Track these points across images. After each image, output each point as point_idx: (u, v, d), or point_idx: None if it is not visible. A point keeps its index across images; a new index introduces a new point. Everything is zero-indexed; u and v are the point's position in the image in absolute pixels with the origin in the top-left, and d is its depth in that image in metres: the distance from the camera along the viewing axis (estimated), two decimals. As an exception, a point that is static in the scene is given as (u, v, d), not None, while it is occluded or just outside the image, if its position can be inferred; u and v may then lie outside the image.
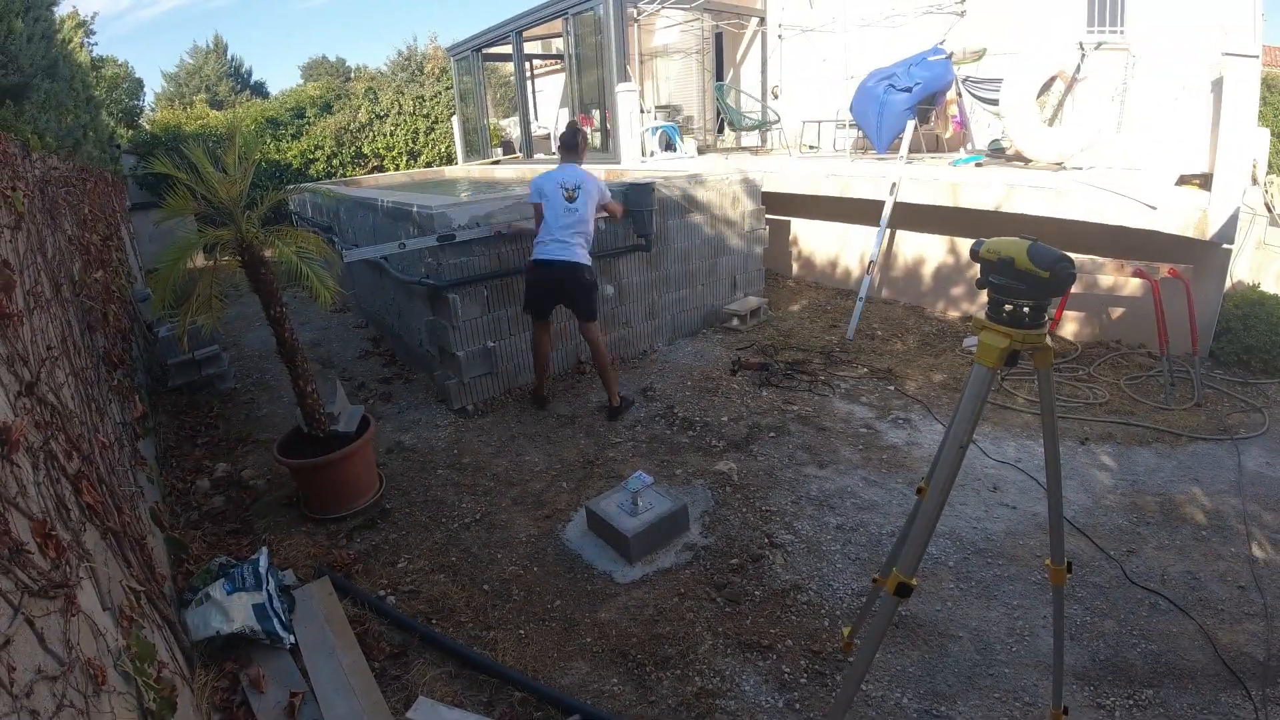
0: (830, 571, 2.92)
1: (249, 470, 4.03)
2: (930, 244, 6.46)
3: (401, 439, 4.32)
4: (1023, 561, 2.90)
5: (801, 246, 7.80)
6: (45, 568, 1.22)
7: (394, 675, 2.45)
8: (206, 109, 15.59)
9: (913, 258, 6.65)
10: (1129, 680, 2.29)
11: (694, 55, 10.32)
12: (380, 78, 18.03)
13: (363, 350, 6.18)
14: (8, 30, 3.90)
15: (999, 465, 3.67)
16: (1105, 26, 6.43)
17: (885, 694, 2.30)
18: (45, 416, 1.62)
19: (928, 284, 6.56)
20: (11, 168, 2.41)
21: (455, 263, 4.45)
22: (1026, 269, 1.48)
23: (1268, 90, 11.12)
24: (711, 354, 5.55)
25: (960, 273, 6.27)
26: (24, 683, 0.99)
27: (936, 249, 6.43)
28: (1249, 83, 4.33)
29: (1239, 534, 3.01)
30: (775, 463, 3.81)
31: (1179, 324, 4.60)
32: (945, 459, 1.63)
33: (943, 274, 6.42)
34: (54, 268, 2.62)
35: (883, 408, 4.43)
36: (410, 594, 2.90)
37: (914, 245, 6.59)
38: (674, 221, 5.69)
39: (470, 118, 12.65)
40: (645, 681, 2.40)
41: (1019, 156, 6.10)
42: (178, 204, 3.20)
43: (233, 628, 2.42)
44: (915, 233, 6.54)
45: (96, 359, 2.99)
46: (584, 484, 3.71)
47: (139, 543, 2.06)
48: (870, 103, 6.89)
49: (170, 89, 29.11)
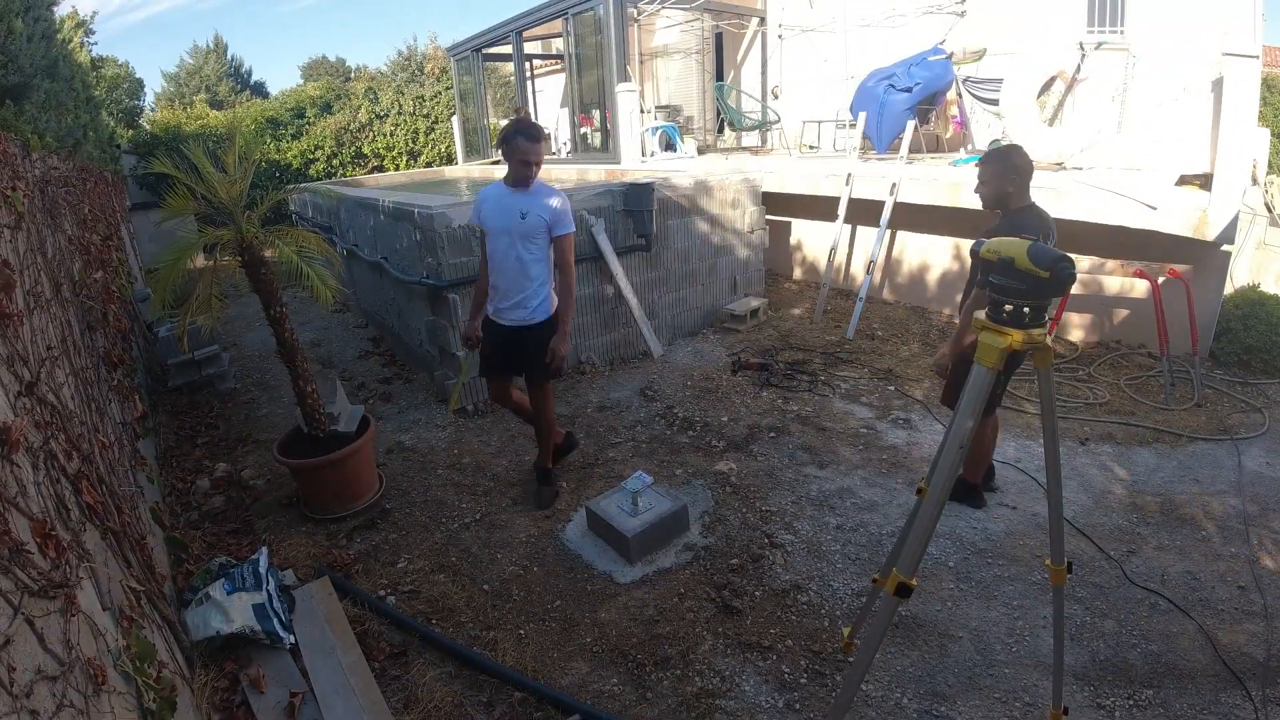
0: (830, 572, 2.92)
1: (249, 470, 4.03)
2: (931, 244, 6.46)
3: (401, 439, 4.32)
4: (1023, 562, 2.90)
5: (801, 247, 7.80)
6: (45, 568, 1.22)
7: (394, 675, 2.45)
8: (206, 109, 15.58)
9: (913, 258, 6.65)
10: (1129, 680, 2.29)
11: (694, 55, 10.32)
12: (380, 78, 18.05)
13: (363, 350, 6.17)
14: (8, 30, 3.90)
15: (999, 465, 3.66)
16: (1105, 26, 6.43)
17: (885, 694, 2.30)
18: (45, 416, 1.62)
19: (928, 284, 6.56)
20: (11, 168, 2.40)
21: (455, 263, 4.45)
22: (1027, 269, 1.49)
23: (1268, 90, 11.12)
24: (711, 354, 5.55)
25: (961, 273, 6.27)
26: (24, 683, 0.99)
27: (937, 249, 6.43)
28: (1249, 83, 4.33)
29: (1239, 534, 3.01)
30: (775, 463, 3.81)
31: (1179, 324, 4.60)
32: (945, 459, 1.63)
33: (943, 274, 6.42)
34: (54, 268, 2.62)
35: (883, 408, 4.43)
36: (410, 594, 2.90)
37: (915, 246, 6.60)
38: (674, 221, 5.69)
39: (470, 118, 12.65)
40: (645, 681, 2.40)
41: (1019, 156, 6.09)
42: (178, 204, 3.20)
43: (233, 628, 2.42)
44: (916, 233, 6.54)
45: (96, 359, 2.99)
46: (584, 484, 3.70)
47: (139, 543, 2.06)
48: (870, 103, 6.89)
49: (170, 89, 29.13)
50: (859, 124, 6.96)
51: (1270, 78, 11.71)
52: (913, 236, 6.57)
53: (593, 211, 5.13)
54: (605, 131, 9.33)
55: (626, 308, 5.34)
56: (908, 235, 6.61)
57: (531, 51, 12.56)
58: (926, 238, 6.46)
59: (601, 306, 5.32)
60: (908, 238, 6.61)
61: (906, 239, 6.63)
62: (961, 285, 6.26)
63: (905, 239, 6.64)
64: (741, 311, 6.12)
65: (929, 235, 6.43)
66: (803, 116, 8.93)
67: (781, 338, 5.85)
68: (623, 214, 5.32)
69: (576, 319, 5.17)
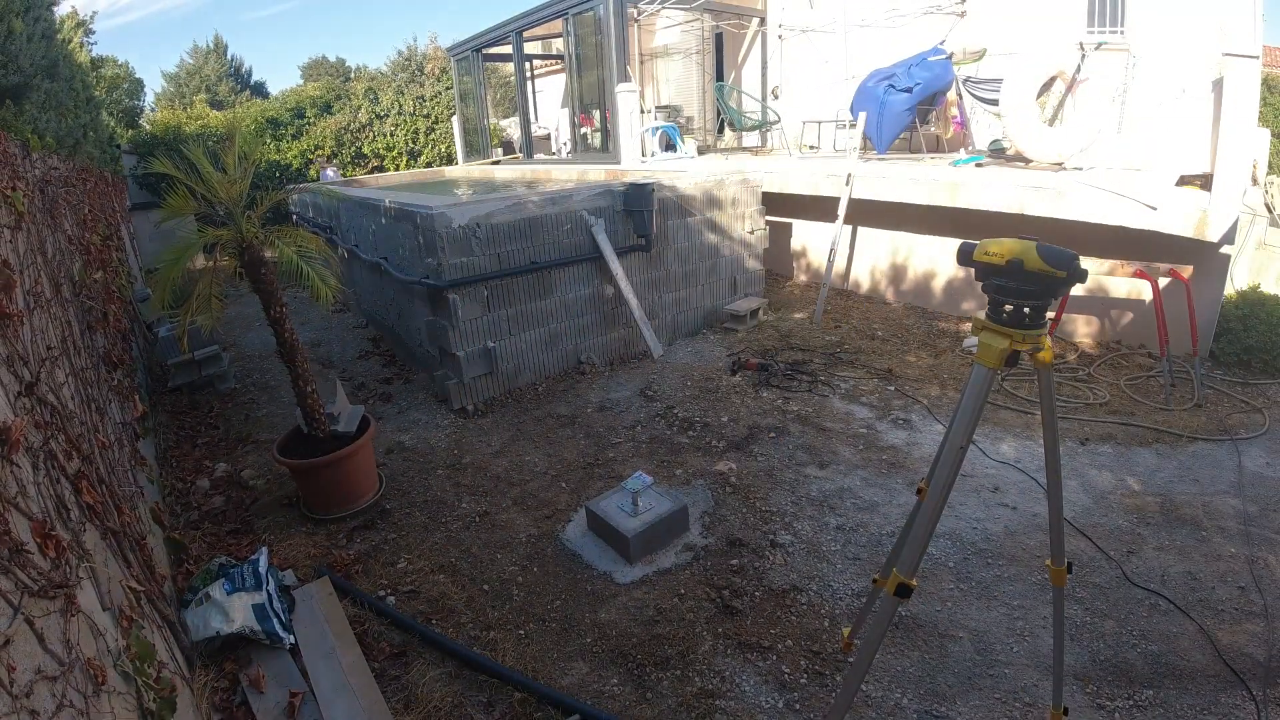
0: (830, 572, 2.92)
1: (249, 470, 4.03)
2: (931, 245, 6.46)
3: (401, 439, 4.32)
4: (1023, 562, 2.90)
5: (802, 247, 7.80)
6: (45, 568, 1.22)
7: (394, 675, 2.45)
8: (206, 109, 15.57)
9: (913, 259, 6.65)
10: (1129, 680, 2.29)
11: (694, 55, 10.32)
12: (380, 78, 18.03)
13: (363, 350, 6.17)
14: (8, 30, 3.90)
15: (999, 465, 3.66)
16: (1105, 26, 6.43)
17: (885, 694, 2.30)
18: (45, 416, 1.62)
19: (928, 285, 6.56)
20: (11, 168, 2.40)
21: (455, 263, 4.45)
22: (1039, 269, 1.47)
23: (1268, 91, 11.13)
24: (711, 354, 5.55)
25: (961, 274, 6.27)
26: (24, 683, 0.99)
27: (937, 250, 6.43)
28: (1249, 83, 4.33)
29: (1239, 534, 3.00)
30: (775, 463, 3.81)
31: (1179, 324, 4.60)
32: (945, 459, 1.63)
33: (943, 275, 6.42)
34: (54, 268, 2.62)
35: (883, 408, 4.43)
36: (410, 594, 2.90)
37: (914, 246, 6.59)
38: (674, 222, 5.69)
39: (470, 118, 12.66)
40: (645, 682, 2.40)
41: (1019, 157, 6.10)
42: (178, 204, 3.20)
43: (232, 628, 2.42)
44: (916, 234, 6.54)
45: (96, 359, 2.99)
46: (584, 484, 3.70)
47: (139, 543, 2.06)
48: (870, 103, 6.89)
49: (170, 89, 29.12)
50: (859, 124, 6.96)
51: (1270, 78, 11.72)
52: (913, 237, 6.57)
53: (593, 211, 5.14)
54: (605, 132, 9.33)
55: (626, 308, 5.34)
56: (908, 236, 6.60)
57: (531, 51, 12.57)
58: (927, 238, 6.46)
59: (601, 306, 5.32)
60: (908, 238, 6.61)
61: (907, 239, 6.63)
62: (961, 285, 6.27)
63: (905, 239, 6.64)
64: (741, 311, 6.12)
65: (929, 236, 6.43)
66: (803, 117, 8.94)
67: (782, 338, 5.86)
68: (623, 214, 5.33)
69: (577, 319, 5.18)
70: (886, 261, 6.86)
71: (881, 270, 6.94)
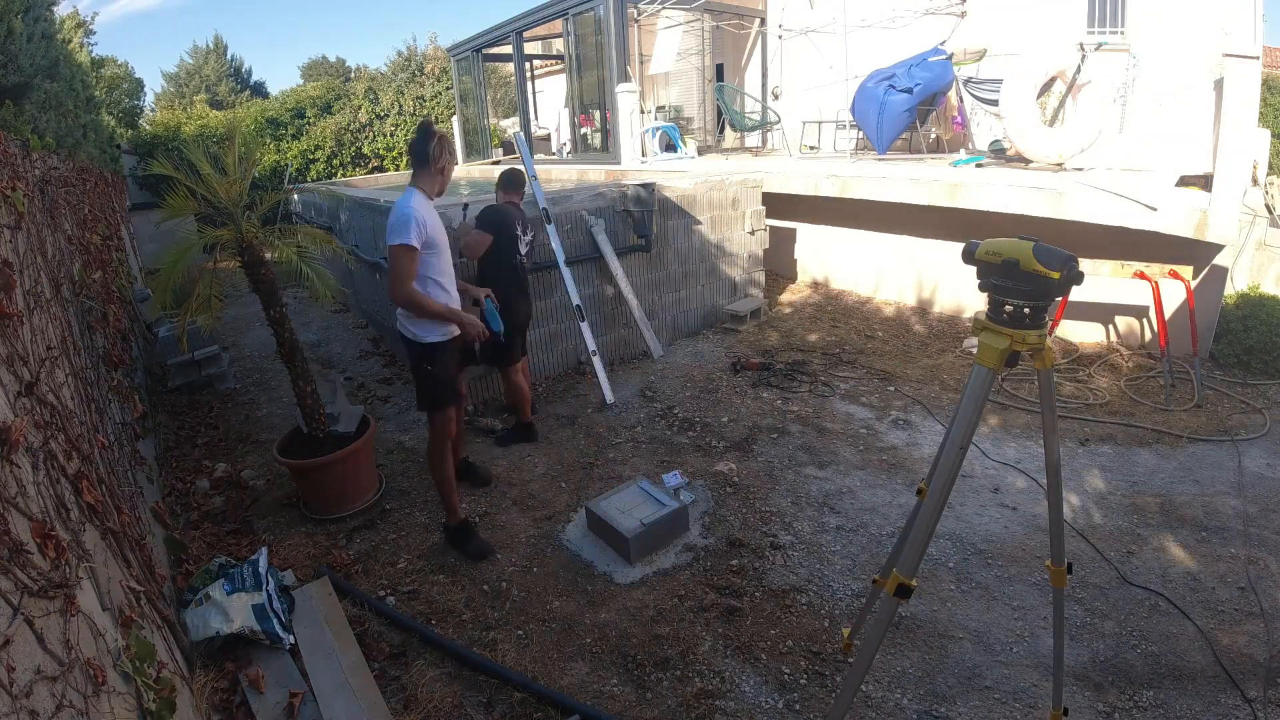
0: (830, 572, 2.92)
1: (249, 470, 4.03)
2: (931, 246, 6.45)
3: (401, 439, 4.32)
4: (1023, 563, 2.90)
5: (801, 247, 7.80)
6: (45, 568, 1.22)
7: (394, 675, 2.45)
8: (206, 109, 15.60)
9: (913, 259, 6.64)
10: (1129, 681, 2.29)
11: (694, 56, 10.32)
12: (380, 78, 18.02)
13: (363, 350, 6.17)
14: (8, 30, 3.90)
15: (999, 466, 3.66)
16: (1105, 27, 6.43)
17: (885, 695, 2.29)
18: (45, 416, 1.62)
19: (928, 285, 6.56)
20: (11, 168, 2.40)
21: (455, 263, 4.44)
22: (1034, 270, 1.47)
23: (1268, 91, 11.11)
24: (711, 354, 5.55)
25: (961, 274, 6.26)
26: (23, 683, 0.99)
27: (937, 251, 6.42)
28: (1249, 84, 4.33)
29: (1239, 535, 3.00)
30: (775, 463, 3.81)
31: (1179, 325, 4.60)
32: (945, 460, 1.63)
33: (943, 275, 6.41)
34: (54, 268, 2.62)
35: (882, 408, 4.43)
36: (410, 594, 2.90)
37: (915, 247, 6.59)
38: (674, 222, 5.69)
39: (470, 118, 12.66)
40: (645, 682, 2.40)
41: (1019, 157, 6.10)
42: (178, 204, 3.20)
43: (232, 628, 2.41)
44: (916, 235, 6.53)
45: (96, 359, 2.99)
46: (584, 484, 3.70)
47: (139, 543, 2.06)
48: (871, 104, 6.90)
49: (170, 89, 29.13)
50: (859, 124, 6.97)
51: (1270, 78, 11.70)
52: (913, 237, 6.57)
53: (593, 212, 5.13)
54: (605, 132, 9.33)
55: (626, 308, 5.34)
56: (908, 237, 6.60)
57: (532, 52, 12.57)
58: (927, 239, 6.46)
59: (601, 307, 5.32)
60: (908, 239, 6.61)
61: (907, 240, 6.63)
62: (961, 286, 6.26)
63: (906, 240, 6.64)
64: (741, 312, 6.12)
65: (929, 238, 6.43)
66: (803, 117, 8.94)
67: (782, 338, 5.86)
68: (623, 214, 5.33)
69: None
70: (887, 262, 6.85)
71: (882, 270, 6.93)
